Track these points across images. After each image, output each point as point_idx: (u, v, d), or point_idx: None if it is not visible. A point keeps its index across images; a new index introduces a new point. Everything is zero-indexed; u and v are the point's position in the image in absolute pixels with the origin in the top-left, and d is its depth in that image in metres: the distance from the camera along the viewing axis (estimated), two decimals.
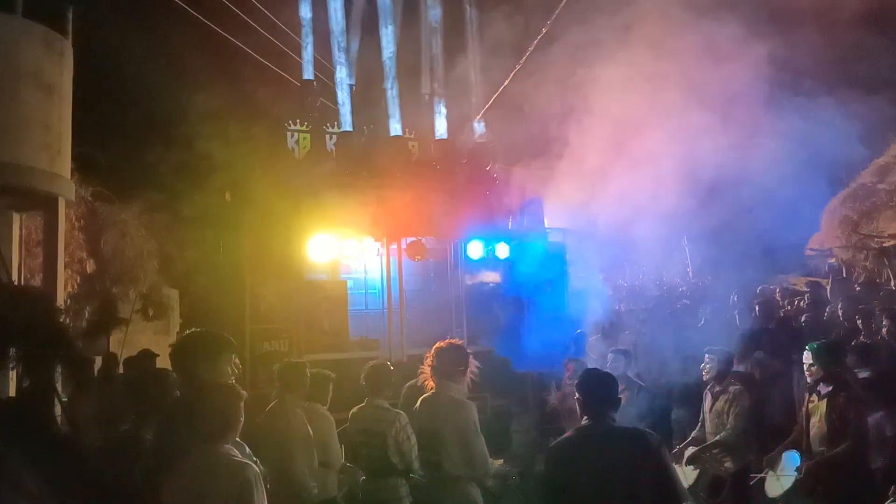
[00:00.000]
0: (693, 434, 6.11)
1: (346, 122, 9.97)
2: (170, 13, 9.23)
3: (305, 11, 10.28)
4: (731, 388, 5.92)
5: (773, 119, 7.65)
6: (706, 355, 6.04)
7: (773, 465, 5.47)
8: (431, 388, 4.78)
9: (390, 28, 10.51)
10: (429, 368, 4.77)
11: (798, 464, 5.23)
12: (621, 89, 8.20)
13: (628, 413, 6.04)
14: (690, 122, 7.79)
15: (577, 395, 3.77)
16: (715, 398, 5.95)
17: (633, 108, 8.23)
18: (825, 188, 10.64)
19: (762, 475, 5.50)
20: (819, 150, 7.62)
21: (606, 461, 3.48)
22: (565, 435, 3.80)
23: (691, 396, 6.58)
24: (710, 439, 5.84)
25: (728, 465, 5.76)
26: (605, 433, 3.60)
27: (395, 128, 10.25)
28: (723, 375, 5.95)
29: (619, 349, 7.17)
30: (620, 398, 3.79)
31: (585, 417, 3.68)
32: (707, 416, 6.00)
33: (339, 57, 10.09)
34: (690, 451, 5.87)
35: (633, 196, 8.90)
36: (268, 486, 3.26)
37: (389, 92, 10.43)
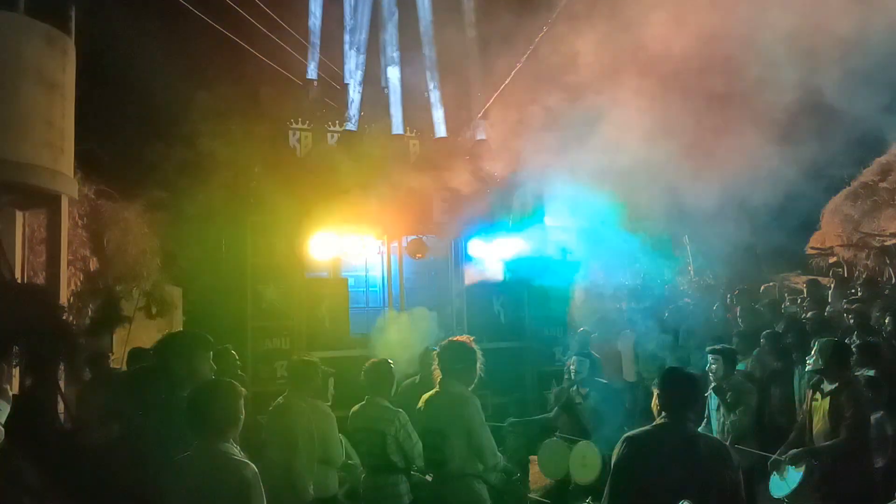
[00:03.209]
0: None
1: (348, 121, 10.00)
2: (173, 11, 9.25)
3: (309, 11, 10.31)
4: (740, 386, 5.96)
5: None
6: (710, 355, 6.05)
7: (777, 467, 5.47)
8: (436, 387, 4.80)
9: (392, 27, 10.53)
10: (436, 367, 4.79)
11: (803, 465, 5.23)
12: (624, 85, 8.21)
13: (635, 411, 6.09)
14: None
15: (656, 391, 3.71)
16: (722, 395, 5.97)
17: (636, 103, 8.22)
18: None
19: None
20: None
21: (685, 465, 3.41)
22: (643, 428, 3.72)
23: None
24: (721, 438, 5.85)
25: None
26: (688, 437, 3.52)
27: (397, 126, 10.27)
28: (729, 373, 5.98)
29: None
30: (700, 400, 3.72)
31: (663, 415, 3.61)
32: (714, 414, 6.01)
33: (344, 56, 10.11)
34: None
35: (634, 193, 8.92)
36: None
37: (391, 90, 10.45)
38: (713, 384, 6.05)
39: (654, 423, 3.66)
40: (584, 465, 6.27)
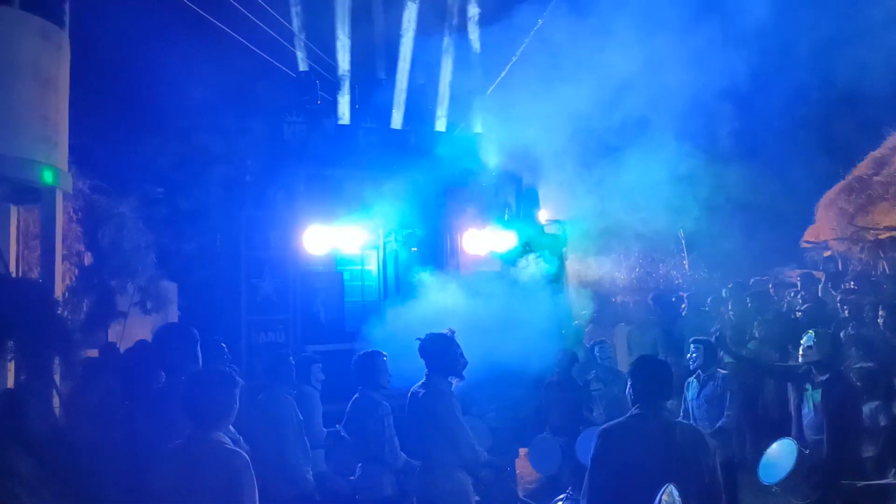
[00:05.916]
0: None
1: (344, 114, 9.99)
2: (167, 5, 9.21)
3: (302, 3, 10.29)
4: (719, 374, 5.98)
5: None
6: (692, 344, 6.12)
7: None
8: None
9: (389, 19, 10.51)
10: None
11: (794, 452, 5.24)
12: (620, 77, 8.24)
13: (622, 405, 6.11)
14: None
15: (629, 381, 3.68)
16: (703, 385, 6.00)
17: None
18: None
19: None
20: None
21: (662, 454, 3.40)
22: (617, 420, 3.70)
23: (678, 387, 6.65)
24: (699, 426, 5.88)
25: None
26: (664, 426, 3.50)
27: (393, 119, 10.26)
28: (709, 363, 6.02)
29: (601, 340, 7.43)
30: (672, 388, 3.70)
31: (637, 406, 3.58)
32: (692, 404, 6.04)
33: (336, 48, 10.09)
34: None
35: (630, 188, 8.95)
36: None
37: (386, 84, 10.44)
38: (693, 374, 6.08)
39: (629, 415, 3.64)
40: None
